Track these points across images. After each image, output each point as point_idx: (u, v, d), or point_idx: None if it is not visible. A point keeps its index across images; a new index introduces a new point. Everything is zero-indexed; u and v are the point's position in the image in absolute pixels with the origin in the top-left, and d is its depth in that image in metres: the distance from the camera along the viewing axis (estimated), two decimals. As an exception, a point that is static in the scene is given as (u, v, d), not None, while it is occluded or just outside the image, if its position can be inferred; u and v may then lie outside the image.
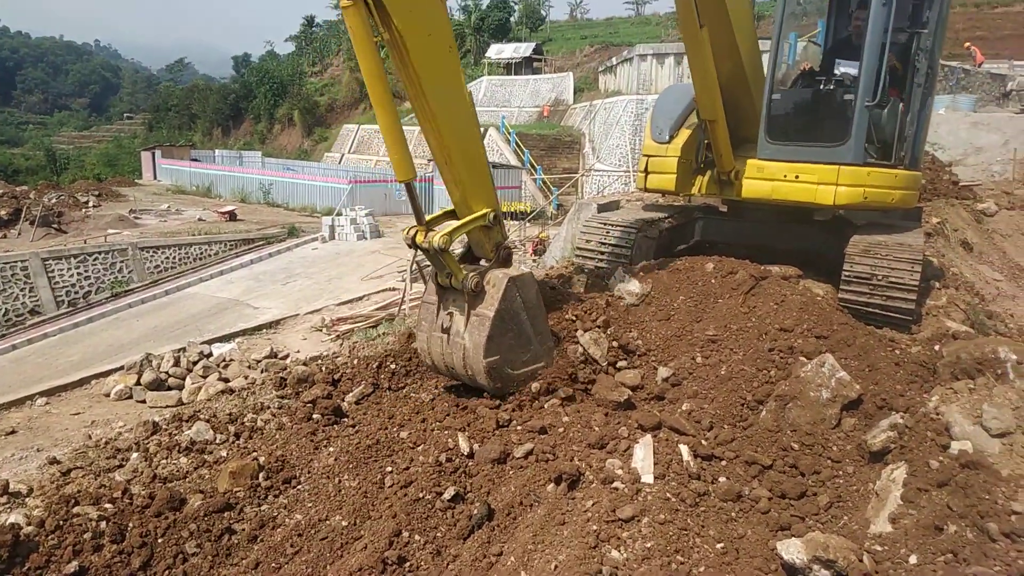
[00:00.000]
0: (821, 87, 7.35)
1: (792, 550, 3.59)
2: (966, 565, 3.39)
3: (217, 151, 61.56)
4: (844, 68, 7.37)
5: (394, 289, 20.97)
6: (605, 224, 8.14)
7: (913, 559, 3.56)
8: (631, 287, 6.56)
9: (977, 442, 4.10)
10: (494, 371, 5.21)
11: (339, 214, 31.16)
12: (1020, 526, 3.37)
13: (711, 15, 6.49)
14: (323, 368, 6.21)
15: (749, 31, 7.27)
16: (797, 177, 6.95)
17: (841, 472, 4.56)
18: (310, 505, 4.60)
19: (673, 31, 57.33)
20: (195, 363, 16.30)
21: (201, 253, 27.89)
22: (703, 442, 4.87)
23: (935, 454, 4.10)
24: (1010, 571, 3.30)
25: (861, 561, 3.53)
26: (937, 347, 5.74)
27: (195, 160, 53.43)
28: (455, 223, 5.25)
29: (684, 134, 7.72)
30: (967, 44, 37.30)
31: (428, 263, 5.38)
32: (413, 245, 5.10)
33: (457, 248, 5.39)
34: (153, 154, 55.08)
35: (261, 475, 4.76)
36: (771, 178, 7.09)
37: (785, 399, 5.01)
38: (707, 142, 7.54)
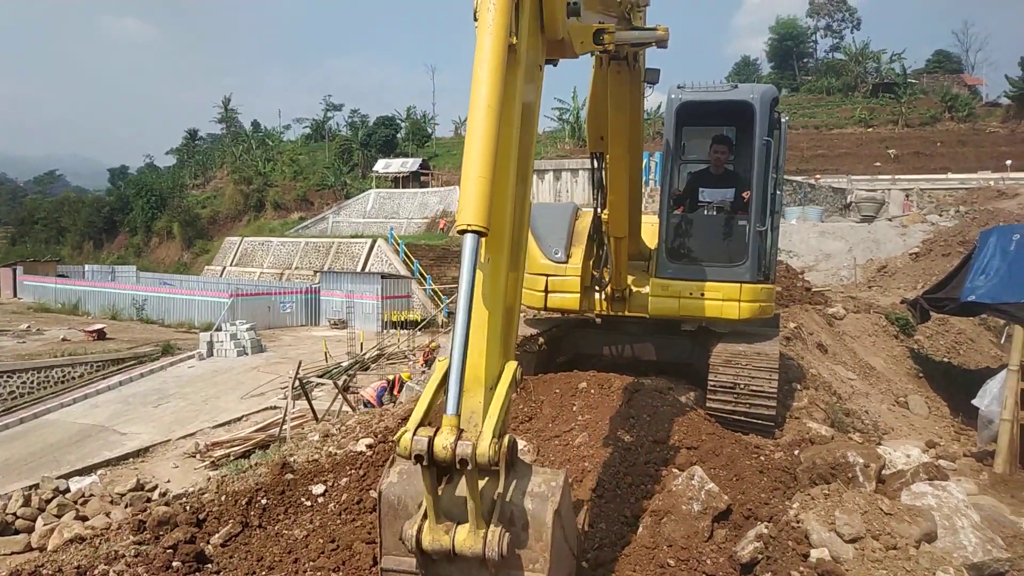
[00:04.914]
0: (707, 212, 7.97)
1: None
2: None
3: (87, 266, 58.50)
4: (708, 195, 8.06)
5: (275, 408, 20.10)
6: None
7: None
8: None
9: (833, 549, 4.32)
10: None
11: (218, 329, 29.98)
12: (873, 634, 3.52)
13: (636, 141, 7.05)
14: (187, 507, 5.80)
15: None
16: (702, 294, 7.40)
17: (715, 586, 4.64)
18: (165, 669, 4.19)
19: (551, 148, 60.71)
20: (48, 501, 14.76)
21: (63, 376, 25.89)
22: (584, 564, 4.85)
23: (796, 564, 4.27)
24: None
25: None
26: (797, 452, 6.07)
27: (62, 276, 50.47)
28: (494, 408, 3.22)
29: (577, 253, 7.96)
30: (818, 176, 41.88)
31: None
32: (427, 460, 3.00)
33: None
34: (14, 270, 51.70)
35: (109, 638, 4.30)
36: (677, 295, 7.49)
37: (659, 514, 5.11)
38: (591, 261, 7.91)
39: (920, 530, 4.43)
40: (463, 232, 3.22)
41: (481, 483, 3.12)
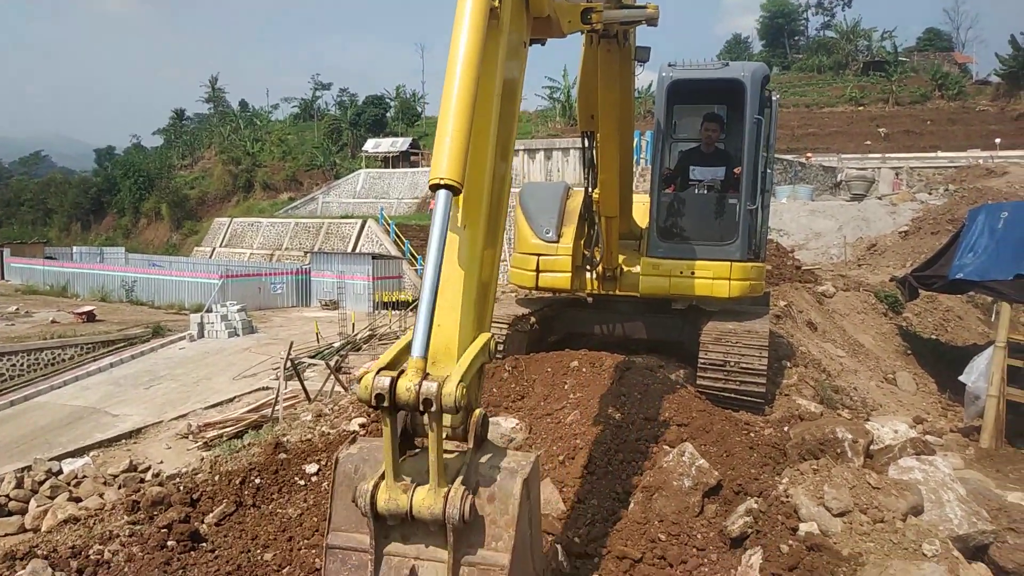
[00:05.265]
0: (697, 191, 7.97)
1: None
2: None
3: (75, 247, 57.96)
4: (699, 174, 8.06)
5: (268, 388, 20.09)
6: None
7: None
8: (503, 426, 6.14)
9: (822, 523, 4.39)
10: None
11: (209, 310, 29.85)
12: (860, 604, 3.59)
13: (627, 119, 7.03)
14: (180, 487, 5.82)
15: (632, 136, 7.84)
16: (693, 273, 7.44)
17: (706, 560, 4.70)
18: (161, 646, 4.23)
19: (542, 128, 60.42)
20: (41, 483, 14.77)
21: (53, 358, 25.74)
22: (576, 539, 4.91)
23: (785, 537, 4.34)
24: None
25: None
26: (786, 428, 6.13)
27: (49, 258, 50.02)
28: (463, 360, 3.02)
29: (569, 232, 7.97)
30: (808, 155, 41.88)
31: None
32: (387, 403, 2.77)
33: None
34: (1, 252, 51.23)
35: (105, 616, 4.34)
36: (668, 274, 7.53)
37: (651, 490, 5.17)
38: (583, 240, 7.93)
39: (907, 504, 4.51)
40: (435, 187, 2.94)
41: (448, 456, 2.91)
